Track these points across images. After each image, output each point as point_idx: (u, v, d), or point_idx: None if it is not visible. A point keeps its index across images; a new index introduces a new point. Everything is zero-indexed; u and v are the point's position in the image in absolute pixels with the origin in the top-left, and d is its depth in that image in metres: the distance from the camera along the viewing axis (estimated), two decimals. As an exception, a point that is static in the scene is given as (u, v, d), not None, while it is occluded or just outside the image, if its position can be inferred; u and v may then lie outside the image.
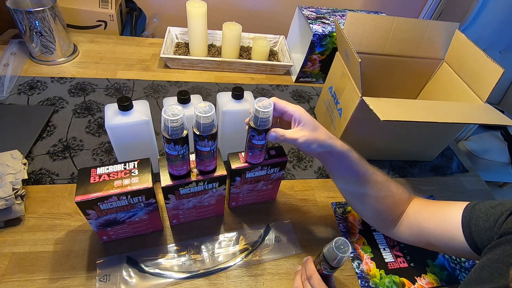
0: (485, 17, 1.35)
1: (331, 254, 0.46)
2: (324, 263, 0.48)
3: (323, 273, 0.49)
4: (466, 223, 0.44)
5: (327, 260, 0.47)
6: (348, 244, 0.46)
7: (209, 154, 0.49)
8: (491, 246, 0.39)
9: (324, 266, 0.48)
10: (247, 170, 0.55)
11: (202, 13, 0.90)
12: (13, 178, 0.57)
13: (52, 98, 0.81)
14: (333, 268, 0.48)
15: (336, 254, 0.45)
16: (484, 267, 0.37)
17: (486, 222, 0.42)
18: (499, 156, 1.35)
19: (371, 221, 0.58)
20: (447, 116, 0.59)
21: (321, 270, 0.49)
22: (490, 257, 0.37)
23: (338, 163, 0.50)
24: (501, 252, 0.37)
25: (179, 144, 0.44)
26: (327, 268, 0.48)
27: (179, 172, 0.49)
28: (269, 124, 0.48)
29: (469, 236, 0.44)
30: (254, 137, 0.49)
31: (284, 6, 1.60)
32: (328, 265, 0.47)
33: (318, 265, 0.50)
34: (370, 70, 0.81)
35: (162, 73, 0.96)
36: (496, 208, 0.42)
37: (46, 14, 0.82)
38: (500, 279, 0.34)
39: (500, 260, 0.36)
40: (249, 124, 0.48)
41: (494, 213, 0.42)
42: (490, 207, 0.43)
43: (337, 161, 0.50)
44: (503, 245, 0.37)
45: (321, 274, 0.49)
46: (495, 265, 0.36)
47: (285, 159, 0.57)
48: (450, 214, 0.47)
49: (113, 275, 0.51)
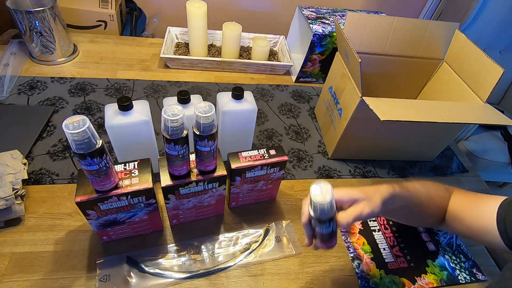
0: (485, 17, 1.35)
1: (311, 203, 0.42)
2: (313, 221, 0.44)
3: (318, 232, 0.45)
4: (501, 219, 0.45)
5: (312, 215, 0.43)
6: (326, 187, 0.42)
7: (209, 154, 0.49)
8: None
9: (314, 223, 0.44)
10: (247, 170, 0.55)
11: (202, 13, 0.90)
12: (13, 178, 0.57)
13: (52, 98, 0.81)
14: (321, 222, 0.43)
15: (311, 201, 0.42)
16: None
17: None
18: (499, 156, 1.35)
19: (418, 226, 0.60)
20: (447, 116, 0.59)
21: (315, 229, 0.45)
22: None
23: (410, 209, 0.49)
24: None
25: (179, 144, 0.44)
26: (317, 224, 0.44)
27: (179, 172, 0.49)
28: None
29: (504, 232, 0.44)
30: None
31: (284, 6, 1.60)
32: (315, 220, 0.43)
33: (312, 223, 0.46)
34: (370, 70, 0.81)
35: (162, 73, 0.96)
36: None
37: (46, 14, 0.82)
38: None
39: None
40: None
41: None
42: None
43: (409, 207, 0.49)
44: None
45: (319, 234, 0.45)
46: None
47: (285, 159, 0.57)
48: (486, 209, 0.48)
49: (113, 275, 0.51)
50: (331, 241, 0.45)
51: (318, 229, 0.44)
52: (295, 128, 0.86)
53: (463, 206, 0.52)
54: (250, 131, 0.68)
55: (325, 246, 0.46)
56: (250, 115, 0.64)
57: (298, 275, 0.57)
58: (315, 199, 0.41)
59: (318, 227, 0.44)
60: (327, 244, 0.46)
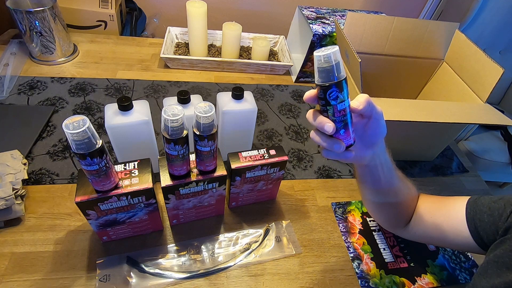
0: (485, 17, 1.35)
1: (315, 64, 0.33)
2: (321, 97, 0.35)
3: (331, 111, 0.35)
4: (470, 218, 0.45)
5: (319, 82, 0.34)
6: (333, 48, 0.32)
7: (209, 154, 0.49)
8: (498, 242, 0.39)
9: (323, 102, 0.35)
10: (247, 170, 0.55)
11: (202, 13, 0.90)
12: (13, 178, 0.57)
13: (52, 98, 0.81)
14: (320, 88, 0.34)
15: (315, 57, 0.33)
16: (490, 262, 0.37)
17: (490, 216, 0.42)
18: (499, 156, 1.35)
19: (384, 225, 0.57)
20: (447, 116, 0.59)
21: (326, 112, 0.36)
22: (498, 253, 0.38)
23: (382, 174, 0.45)
24: (508, 247, 0.37)
25: (179, 144, 0.44)
26: (327, 95, 0.34)
27: (179, 172, 0.49)
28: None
29: (474, 231, 0.44)
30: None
31: (284, 6, 1.60)
32: (323, 88, 0.34)
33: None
34: (370, 70, 0.81)
35: (162, 73, 0.96)
36: (498, 202, 0.43)
37: (46, 14, 0.82)
38: (508, 274, 0.34)
39: (507, 255, 0.36)
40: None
41: (497, 208, 0.42)
42: (492, 202, 0.43)
43: (382, 172, 0.45)
44: (509, 240, 0.37)
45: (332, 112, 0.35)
46: (502, 260, 0.36)
47: (285, 159, 0.57)
48: (454, 209, 0.47)
49: (113, 275, 0.51)
50: (347, 132, 0.36)
51: (331, 102, 0.34)
52: (295, 128, 0.86)
53: (431, 207, 0.51)
54: (250, 131, 0.68)
55: (341, 139, 0.37)
56: (250, 115, 0.64)
57: (298, 275, 0.57)
58: (319, 53, 0.32)
59: (329, 99, 0.34)
60: (344, 136, 0.36)
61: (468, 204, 0.46)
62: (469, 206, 0.46)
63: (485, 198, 0.45)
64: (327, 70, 0.33)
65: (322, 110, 0.36)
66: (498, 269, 0.36)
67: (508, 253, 0.36)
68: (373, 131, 0.39)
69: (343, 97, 0.34)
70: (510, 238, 0.38)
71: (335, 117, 0.35)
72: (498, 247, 0.38)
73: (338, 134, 0.37)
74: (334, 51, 0.32)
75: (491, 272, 0.36)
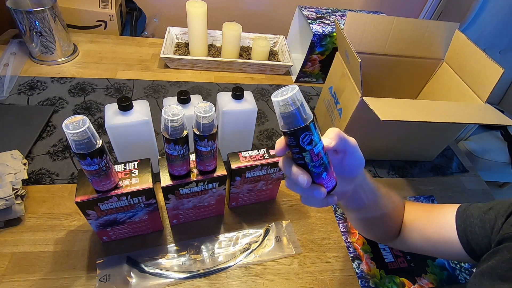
0: (485, 17, 1.35)
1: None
2: (290, 143, 0.31)
3: (295, 157, 0.32)
4: (461, 230, 0.44)
5: (285, 129, 0.30)
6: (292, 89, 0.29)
7: (209, 154, 0.49)
8: (491, 252, 0.39)
9: (294, 150, 0.32)
10: (247, 170, 0.55)
11: (202, 13, 0.90)
12: (13, 178, 0.57)
13: (52, 98, 0.81)
14: (290, 135, 0.30)
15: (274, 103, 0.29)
16: (484, 274, 0.37)
17: (482, 229, 0.41)
18: (499, 156, 1.35)
19: (376, 239, 0.56)
20: (447, 116, 0.59)
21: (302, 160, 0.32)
22: (491, 264, 0.37)
23: (365, 200, 0.43)
24: (500, 257, 0.36)
25: (179, 144, 0.44)
26: (289, 144, 0.31)
27: (179, 172, 0.49)
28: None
29: (466, 243, 0.43)
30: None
31: (284, 6, 1.60)
32: (292, 135, 0.30)
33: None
34: (370, 70, 0.81)
35: (162, 73, 0.96)
36: (488, 213, 0.42)
37: (46, 14, 0.82)
38: (502, 285, 0.34)
39: (500, 266, 0.36)
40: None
41: (488, 219, 0.41)
42: (482, 213, 0.43)
43: (366, 198, 0.43)
44: (501, 251, 0.37)
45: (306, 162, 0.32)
46: (495, 272, 0.36)
47: (285, 159, 0.57)
48: (443, 220, 0.46)
49: (113, 275, 0.51)
50: (329, 174, 0.33)
51: (307, 148, 0.31)
52: (295, 128, 0.86)
53: (420, 216, 0.50)
54: (250, 131, 0.68)
55: (323, 184, 0.33)
56: (250, 115, 0.64)
57: (298, 275, 0.57)
58: (278, 99, 0.29)
59: (304, 145, 0.30)
60: (327, 179, 0.33)
61: (457, 214, 0.45)
62: (459, 217, 0.45)
63: (474, 208, 0.44)
64: (293, 115, 0.29)
65: (297, 158, 0.32)
66: (493, 281, 0.35)
67: (501, 264, 0.36)
68: (350, 165, 0.37)
69: (317, 139, 0.31)
70: (503, 249, 0.37)
71: (313, 162, 0.32)
72: (492, 257, 0.38)
73: (320, 179, 0.33)
74: (294, 92, 0.28)
75: (486, 284, 0.36)
